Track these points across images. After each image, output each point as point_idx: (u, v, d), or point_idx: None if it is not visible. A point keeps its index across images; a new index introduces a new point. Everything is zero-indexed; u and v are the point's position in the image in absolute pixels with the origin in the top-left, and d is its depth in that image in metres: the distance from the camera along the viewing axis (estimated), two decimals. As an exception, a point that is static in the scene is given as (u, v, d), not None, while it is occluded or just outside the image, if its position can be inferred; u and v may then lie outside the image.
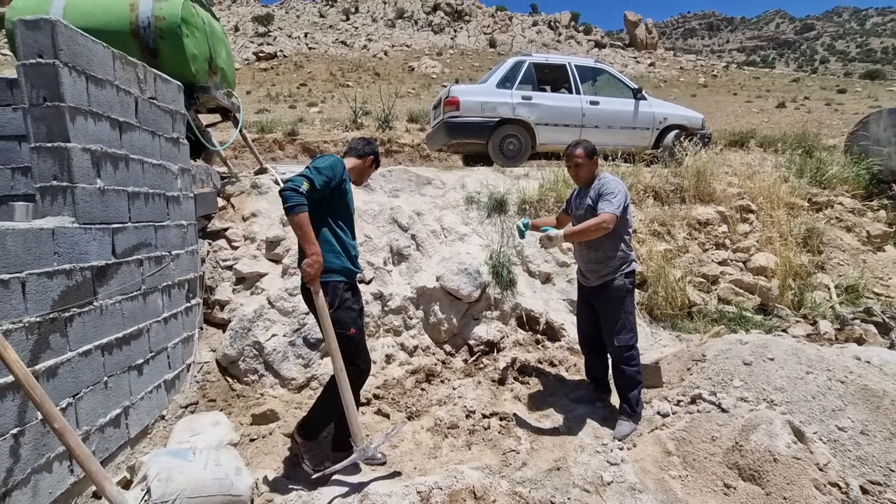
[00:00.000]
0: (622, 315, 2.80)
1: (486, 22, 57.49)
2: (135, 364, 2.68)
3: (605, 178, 2.79)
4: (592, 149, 2.86)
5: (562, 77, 6.73)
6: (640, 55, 52.64)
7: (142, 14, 3.67)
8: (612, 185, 2.72)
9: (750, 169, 6.13)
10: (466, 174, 5.25)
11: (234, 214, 4.11)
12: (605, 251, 2.78)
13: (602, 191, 2.72)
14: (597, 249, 2.81)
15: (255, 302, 3.51)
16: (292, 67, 37.75)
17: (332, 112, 19.13)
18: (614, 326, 2.81)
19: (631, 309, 2.84)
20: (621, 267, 2.79)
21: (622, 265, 2.79)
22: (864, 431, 2.33)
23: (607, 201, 2.65)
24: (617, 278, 2.79)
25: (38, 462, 2.01)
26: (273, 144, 11.23)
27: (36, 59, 2.16)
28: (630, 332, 2.82)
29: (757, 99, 32.05)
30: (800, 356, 2.76)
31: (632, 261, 2.83)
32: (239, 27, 48.74)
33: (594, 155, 2.86)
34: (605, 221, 2.58)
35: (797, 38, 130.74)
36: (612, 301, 2.81)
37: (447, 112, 6.08)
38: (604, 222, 2.58)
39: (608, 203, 2.64)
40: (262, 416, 2.94)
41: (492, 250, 4.19)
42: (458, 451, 2.69)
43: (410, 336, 3.79)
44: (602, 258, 2.81)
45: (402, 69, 38.96)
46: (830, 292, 4.63)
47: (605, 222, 2.58)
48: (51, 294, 2.10)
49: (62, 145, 2.22)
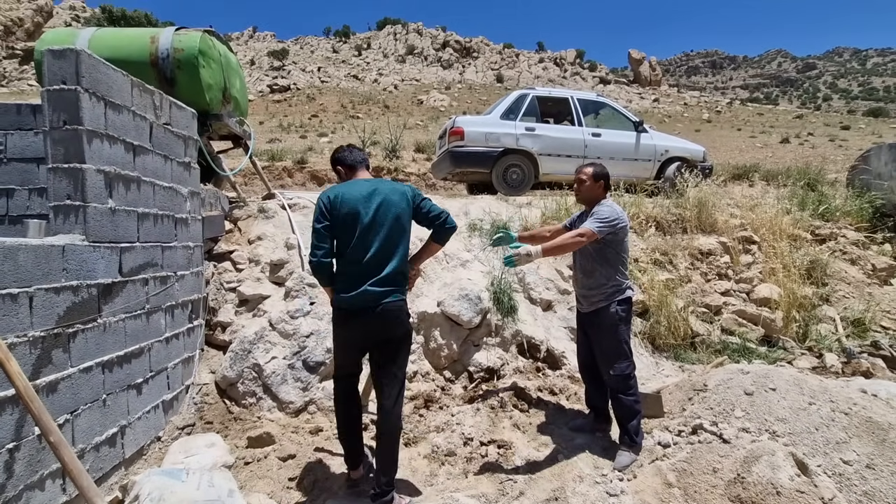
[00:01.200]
0: (615, 343, 2.76)
1: (494, 58, 59.34)
2: (134, 383, 2.69)
3: (603, 204, 2.80)
4: (602, 173, 2.85)
5: (564, 110, 6.92)
6: (644, 91, 53.83)
7: (161, 46, 3.87)
8: (606, 210, 2.72)
9: (752, 201, 6.17)
10: (470, 202, 5.34)
11: (241, 237, 4.19)
12: (598, 278, 2.79)
13: (595, 212, 2.75)
14: (590, 276, 2.82)
15: (256, 324, 3.54)
16: (305, 99, 38.94)
17: (341, 141, 19.55)
18: (609, 355, 2.78)
19: (626, 338, 2.79)
20: (614, 294, 2.75)
21: (615, 293, 2.76)
22: (871, 465, 2.27)
23: (592, 220, 2.68)
24: (610, 306, 2.75)
25: (30, 479, 2.00)
26: (282, 172, 11.49)
27: (59, 85, 2.29)
28: (625, 360, 2.77)
29: (761, 134, 32.46)
30: (802, 387, 2.72)
31: (626, 288, 2.78)
32: (255, 61, 50.65)
33: (601, 179, 2.84)
34: (582, 235, 2.60)
35: (799, 76, 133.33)
36: (605, 328, 2.78)
37: (452, 142, 6.24)
38: (580, 235, 2.61)
39: (592, 221, 2.66)
40: (258, 439, 2.92)
41: (493, 277, 4.21)
42: (455, 479, 2.65)
43: (410, 361, 3.77)
44: (594, 285, 2.80)
45: (412, 102, 40.04)
46: (836, 325, 4.57)
47: (582, 236, 2.60)
48: (57, 309, 2.15)
49: (77, 166, 2.32)
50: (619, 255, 2.78)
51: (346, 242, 2.35)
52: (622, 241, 2.78)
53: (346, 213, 2.33)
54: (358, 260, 2.32)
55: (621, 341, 2.77)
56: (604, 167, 2.90)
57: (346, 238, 2.35)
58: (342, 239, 2.36)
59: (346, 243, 2.35)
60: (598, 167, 2.88)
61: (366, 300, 2.29)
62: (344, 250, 2.36)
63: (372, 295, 2.29)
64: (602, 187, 2.86)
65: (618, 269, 2.77)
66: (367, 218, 2.33)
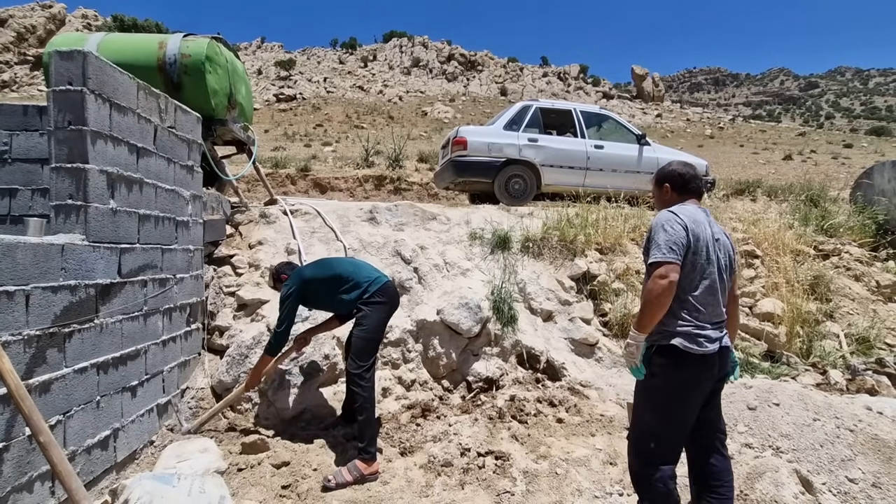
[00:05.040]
0: (638, 406, 2.06)
1: (498, 72, 59.94)
2: (129, 385, 2.67)
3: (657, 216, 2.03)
4: (661, 174, 2.15)
5: (567, 122, 6.94)
6: (647, 106, 54.20)
7: (169, 51, 3.91)
8: (655, 221, 1.98)
9: (754, 215, 6.15)
10: (471, 211, 5.34)
11: (241, 242, 4.18)
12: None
13: (649, 232, 2.02)
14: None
15: (254, 329, 3.51)
16: (310, 109, 39.32)
17: (345, 151, 19.73)
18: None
19: (653, 405, 1.96)
20: (656, 337, 1.94)
21: (658, 336, 1.93)
22: (877, 484, 2.22)
23: (650, 245, 1.96)
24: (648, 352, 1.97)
25: (19, 480, 1.97)
26: (286, 179, 11.54)
27: (66, 86, 2.31)
28: (637, 431, 2.05)
29: (763, 151, 32.56)
30: (806, 402, 2.67)
31: (673, 334, 1.88)
32: (262, 71, 51.30)
33: (664, 182, 2.14)
34: (652, 277, 1.87)
35: (802, 94, 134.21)
36: (638, 383, 2.06)
37: (455, 151, 6.26)
38: (651, 282, 1.88)
39: (651, 248, 1.94)
40: (251, 445, 2.87)
41: (493, 286, 4.18)
42: (451, 491, 2.59)
43: (408, 370, 3.74)
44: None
45: (416, 113, 40.38)
46: (840, 341, 4.52)
47: (653, 278, 1.87)
48: (53, 308, 2.13)
49: (80, 166, 2.32)
50: (683, 281, 1.92)
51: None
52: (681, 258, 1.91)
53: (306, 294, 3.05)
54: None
55: (642, 409, 2.03)
56: (667, 166, 2.18)
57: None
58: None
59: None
60: (661, 168, 2.19)
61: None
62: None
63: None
64: (668, 191, 2.13)
65: (678, 300, 1.92)
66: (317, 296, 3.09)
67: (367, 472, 2.61)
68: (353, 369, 2.78)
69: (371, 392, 2.78)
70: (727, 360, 1.97)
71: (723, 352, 1.93)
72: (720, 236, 2.03)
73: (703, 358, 1.86)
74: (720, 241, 2.01)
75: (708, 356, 1.87)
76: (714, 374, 1.92)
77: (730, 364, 2.01)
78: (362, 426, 2.70)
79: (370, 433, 2.69)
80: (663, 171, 2.16)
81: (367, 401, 2.72)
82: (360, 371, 2.76)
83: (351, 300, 2.88)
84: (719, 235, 2.03)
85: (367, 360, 2.79)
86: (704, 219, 2.01)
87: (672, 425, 1.92)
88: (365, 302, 2.86)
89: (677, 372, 1.89)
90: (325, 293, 2.96)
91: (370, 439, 2.68)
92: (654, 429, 1.95)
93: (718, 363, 1.92)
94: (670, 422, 1.92)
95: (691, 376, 1.89)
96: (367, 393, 2.74)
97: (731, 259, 2.04)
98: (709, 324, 1.90)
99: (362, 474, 2.59)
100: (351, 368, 2.81)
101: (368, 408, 2.72)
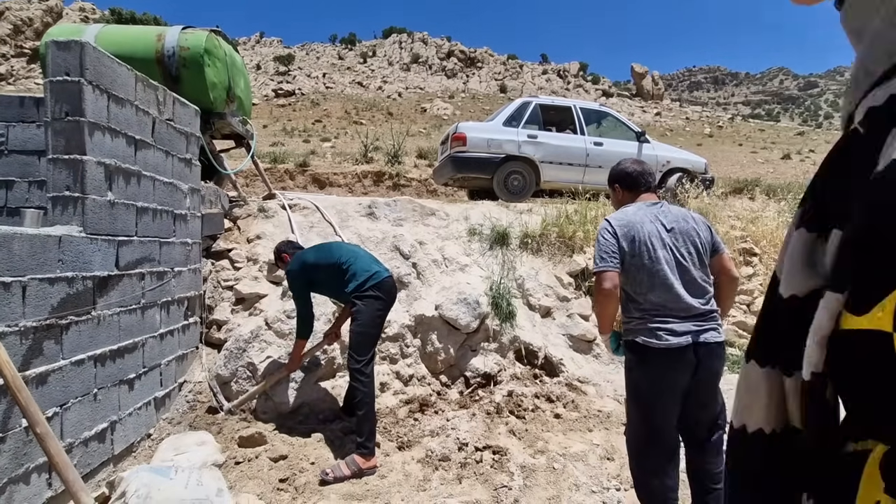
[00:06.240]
0: (626, 402, 2.14)
1: (498, 69, 59.76)
2: (126, 378, 2.66)
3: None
4: (611, 175, 2.17)
5: (567, 118, 6.94)
6: (646, 105, 54.14)
7: (168, 44, 3.88)
8: (598, 233, 2.03)
9: (753, 213, 6.17)
10: (470, 207, 5.33)
11: (240, 236, 4.17)
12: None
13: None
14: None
15: (252, 323, 3.51)
16: (309, 105, 39.15)
17: (344, 147, 19.67)
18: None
19: (633, 399, 2.03)
20: (625, 334, 2.03)
21: (626, 333, 2.02)
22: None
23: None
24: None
25: (15, 472, 1.96)
26: (284, 174, 11.50)
27: (63, 76, 2.29)
28: (628, 426, 2.14)
29: (762, 150, 32.59)
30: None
31: (635, 331, 1.94)
32: (261, 65, 51.01)
33: (614, 183, 2.16)
34: (595, 286, 1.99)
35: (801, 94, 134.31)
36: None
37: (454, 147, 6.25)
38: (595, 291, 2.01)
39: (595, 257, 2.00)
40: (249, 438, 2.88)
41: (492, 281, 4.18)
42: (449, 485, 2.60)
43: (406, 365, 3.74)
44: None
45: (415, 110, 40.25)
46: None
47: (595, 287, 1.99)
48: (50, 300, 2.12)
49: (78, 157, 2.31)
50: (627, 282, 1.99)
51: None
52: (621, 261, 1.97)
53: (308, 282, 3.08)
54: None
55: (627, 400, 2.12)
56: (619, 164, 2.19)
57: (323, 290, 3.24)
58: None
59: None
60: (614, 166, 2.21)
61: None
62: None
63: None
64: (619, 192, 2.17)
65: (627, 297, 2.02)
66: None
67: (365, 466, 2.61)
68: (352, 364, 2.78)
69: (371, 387, 2.78)
70: (712, 355, 1.89)
71: (700, 346, 1.84)
72: (677, 224, 1.97)
73: (666, 352, 1.84)
74: (676, 229, 1.96)
75: (672, 350, 1.83)
76: (687, 367, 1.85)
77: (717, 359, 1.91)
78: (361, 421, 2.70)
79: (369, 428, 2.70)
80: (613, 172, 2.16)
81: (366, 396, 2.72)
82: (360, 366, 2.75)
83: (348, 292, 2.87)
84: (675, 224, 1.97)
85: (364, 354, 2.78)
86: (648, 216, 1.98)
87: (655, 418, 1.93)
88: (359, 296, 2.84)
89: (645, 366, 1.93)
90: (327, 281, 2.96)
91: (369, 434, 2.68)
92: (638, 422, 2.01)
93: (696, 357, 1.85)
94: (651, 414, 1.94)
95: (658, 369, 1.89)
96: (366, 388, 2.74)
97: (698, 243, 1.97)
98: (673, 317, 1.86)
99: (360, 468, 2.59)
100: (350, 363, 2.81)
101: (368, 403, 2.72)
